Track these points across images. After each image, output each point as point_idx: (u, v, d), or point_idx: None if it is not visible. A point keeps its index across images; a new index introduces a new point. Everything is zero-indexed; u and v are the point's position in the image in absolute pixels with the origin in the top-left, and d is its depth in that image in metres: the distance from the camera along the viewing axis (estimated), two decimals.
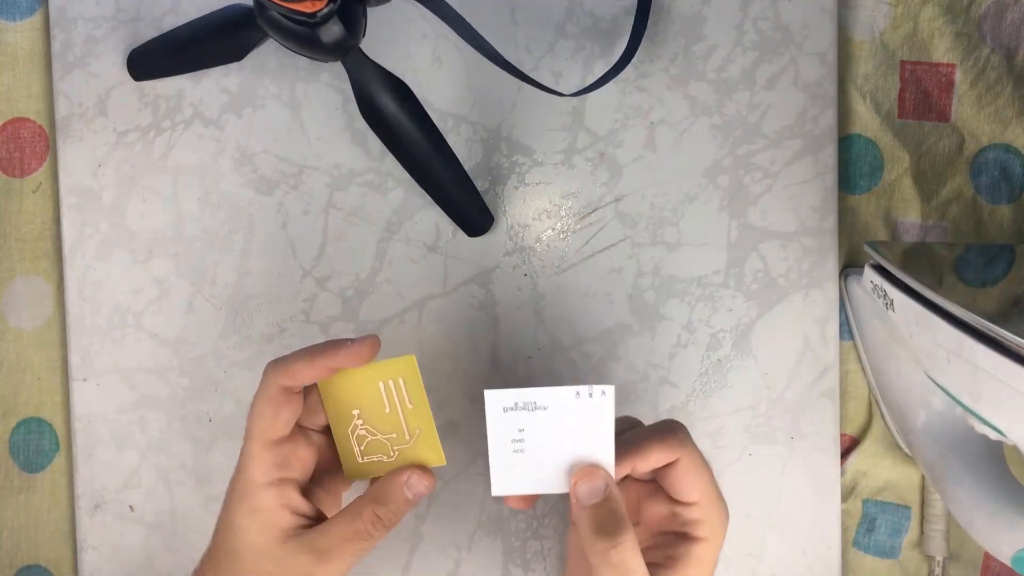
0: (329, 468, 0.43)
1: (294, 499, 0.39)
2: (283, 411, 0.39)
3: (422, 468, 0.40)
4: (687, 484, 0.38)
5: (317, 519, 0.40)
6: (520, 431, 0.38)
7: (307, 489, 0.42)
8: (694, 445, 0.39)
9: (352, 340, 0.40)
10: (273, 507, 0.38)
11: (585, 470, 0.37)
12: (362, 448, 0.41)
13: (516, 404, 0.37)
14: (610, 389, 0.37)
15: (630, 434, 0.39)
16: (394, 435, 0.40)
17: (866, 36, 0.50)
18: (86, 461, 0.50)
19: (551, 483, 0.38)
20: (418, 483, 0.39)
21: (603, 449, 0.37)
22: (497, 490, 0.39)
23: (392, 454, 0.41)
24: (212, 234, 0.50)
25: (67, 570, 0.51)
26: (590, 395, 0.37)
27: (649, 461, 0.38)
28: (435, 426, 0.40)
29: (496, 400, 0.37)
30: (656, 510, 0.40)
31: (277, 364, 0.39)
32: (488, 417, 0.38)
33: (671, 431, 0.38)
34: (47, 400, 0.51)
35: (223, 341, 0.50)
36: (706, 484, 0.39)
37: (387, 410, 0.40)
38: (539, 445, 0.38)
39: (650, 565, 0.37)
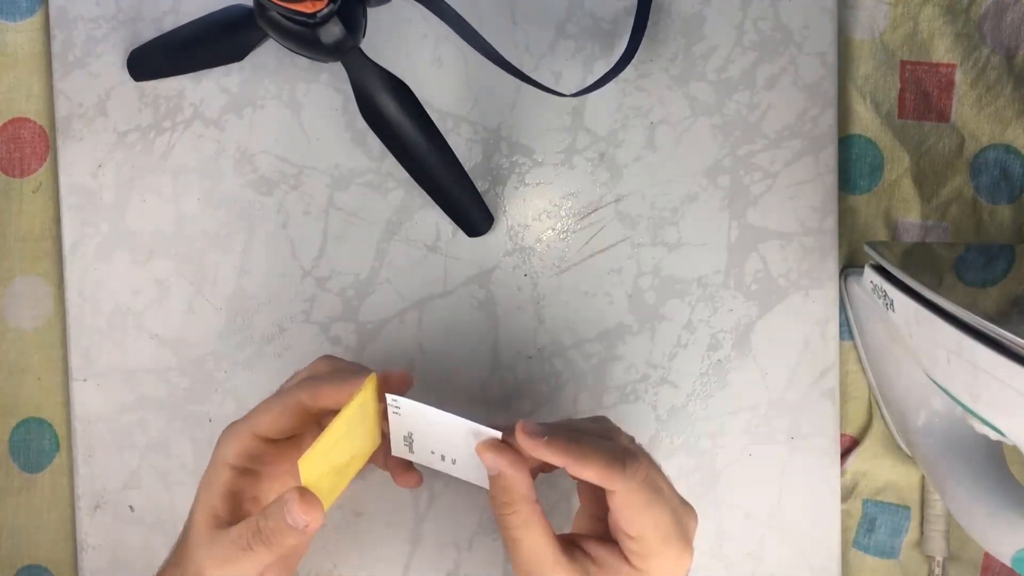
0: None
1: (244, 492, 0.39)
2: (287, 419, 0.39)
3: (310, 497, 0.36)
4: (624, 518, 0.36)
5: None
6: (410, 433, 0.40)
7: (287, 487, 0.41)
8: (642, 480, 0.36)
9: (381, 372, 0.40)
10: (221, 490, 0.38)
11: (483, 445, 0.38)
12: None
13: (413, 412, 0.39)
14: (498, 434, 0.38)
15: (584, 438, 0.37)
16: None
17: (866, 36, 0.50)
18: (86, 461, 0.50)
19: (446, 466, 0.40)
20: (297, 513, 0.36)
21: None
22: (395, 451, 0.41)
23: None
24: (212, 234, 0.50)
25: (67, 570, 0.51)
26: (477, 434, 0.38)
27: (584, 474, 0.36)
28: (328, 442, 0.37)
29: (395, 403, 0.38)
30: (610, 518, 0.38)
31: (310, 380, 0.40)
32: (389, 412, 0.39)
33: (618, 461, 0.36)
34: (47, 400, 0.51)
35: (223, 341, 0.50)
36: (648, 526, 0.36)
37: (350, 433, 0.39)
38: (433, 443, 0.40)
39: (584, 556, 0.38)
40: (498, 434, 0.38)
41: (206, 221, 0.50)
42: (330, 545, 0.49)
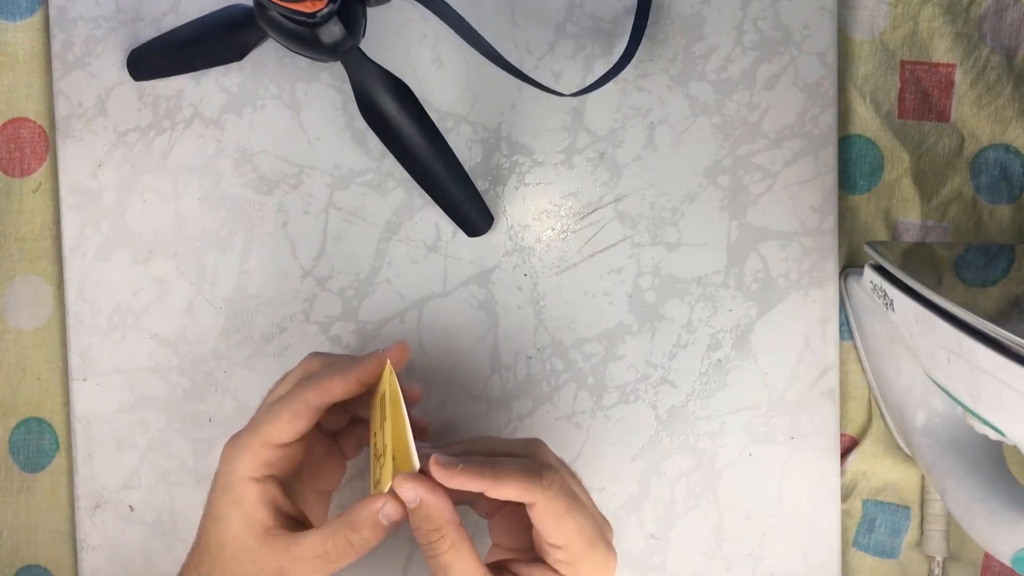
0: (320, 469, 0.43)
1: (277, 497, 0.39)
2: (298, 423, 0.39)
3: (396, 497, 0.37)
4: (547, 529, 0.37)
5: (299, 520, 0.40)
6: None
7: (294, 488, 0.42)
8: (559, 489, 0.37)
9: (380, 350, 0.40)
10: (256, 501, 0.38)
11: (399, 480, 0.37)
12: (377, 477, 0.40)
13: None
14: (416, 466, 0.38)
15: (498, 460, 0.37)
16: (383, 456, 0.39)
17: (866, 36, 0.50)
18: (86, 461, 0.50)
19: None
20: (393, 512, 0.37)
21: None
22: None
23: (380, 478, 0.39)
24: (212, 234, 0.50)
25: (67, 570, 0.51)
26: None
27: (503, 493, 0.36)
28: (408, 429, 0.38)
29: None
30: (535, 535, 0.39)
31: (309, 380, 0.40)
32: None
33: (534, 474, 0.37)
34: (47, 400, 0.51)
35: (223, 341, 0.50)
36: (572, 532, 0.37)
37: (382, 427, 0.39)
38: None
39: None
40: (416, 466, 0.38)
41: (206, 221, 0.50)
42: None
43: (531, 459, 0.38)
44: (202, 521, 0.40)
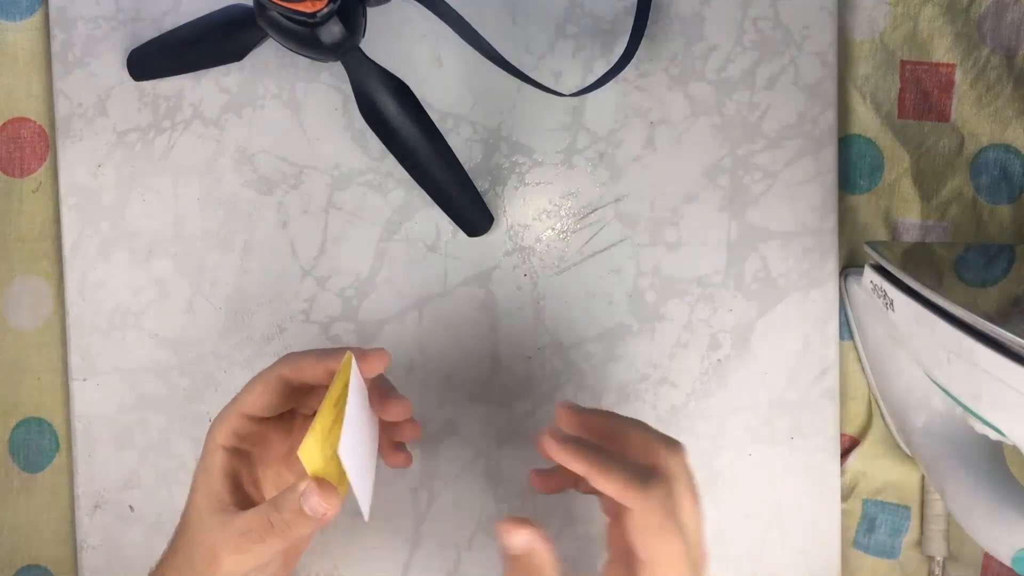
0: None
1: (241, 471, 0.39)
2: (269, 396, 0.39)
3: (327, 485, 0.36)
4: (635, 540, 0.35)
5: (256, 503, 0.39)
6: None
7: (268, 472, 0.41)
8: (659, 502, 0.35)
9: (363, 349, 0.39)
10: (219, 471, 0.38)
11: (509, 524, 0.36)
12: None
13: None
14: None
15: (612, 456, 0.36)
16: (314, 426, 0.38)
17: (866, 36, 0.50)
18: (86, 461, 0.50)
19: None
20: (316, 502, 0.35)
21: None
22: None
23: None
24: (212, 234, 0.50)
25: (67, 570, 0.51)
26: None
27: (603, 487, 0.35)
28: (323, 427, 0.36)
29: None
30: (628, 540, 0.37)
31: (289, 355, 0.40)
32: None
33: (637, 479, 0.35)
34: (47, 400, 0.51)
35: (223, 341, 0.50)
36: (658, 552, 0.35)
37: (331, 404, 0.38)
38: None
39: None
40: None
41: (206, 221, 0.50)
42: (330, 545, 0.49)
43: (648, 464, 0.36)
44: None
